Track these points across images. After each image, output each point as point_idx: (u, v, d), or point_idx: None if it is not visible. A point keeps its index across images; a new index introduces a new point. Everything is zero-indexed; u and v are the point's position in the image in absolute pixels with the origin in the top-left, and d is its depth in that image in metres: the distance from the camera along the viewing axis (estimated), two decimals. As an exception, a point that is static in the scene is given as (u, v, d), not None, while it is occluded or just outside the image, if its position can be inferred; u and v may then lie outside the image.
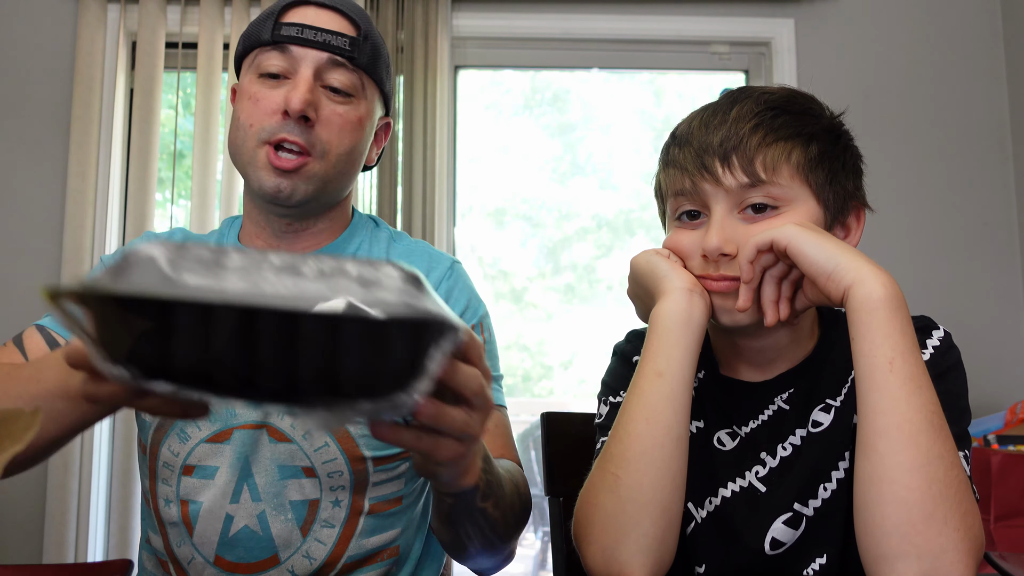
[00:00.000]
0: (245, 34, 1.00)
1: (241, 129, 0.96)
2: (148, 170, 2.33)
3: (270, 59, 0.95)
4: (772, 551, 0.80)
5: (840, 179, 0.83)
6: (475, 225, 2.61)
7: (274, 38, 0.95)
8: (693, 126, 0.84)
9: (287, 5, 0.97)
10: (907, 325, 0.70)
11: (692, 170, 0.81)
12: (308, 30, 0.94)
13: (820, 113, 0.85)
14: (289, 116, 0.93)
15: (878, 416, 0.68)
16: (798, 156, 0.80)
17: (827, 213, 0.81)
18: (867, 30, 2.49)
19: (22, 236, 2.35)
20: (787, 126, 0.80)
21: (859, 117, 2.43)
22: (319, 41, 0.94)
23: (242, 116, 0.96)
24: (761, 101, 0.82)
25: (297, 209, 0.99)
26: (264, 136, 0.94)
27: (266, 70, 0.95)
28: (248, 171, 0.97)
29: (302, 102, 0.92)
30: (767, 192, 0.79)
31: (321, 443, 0.93)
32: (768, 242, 0.75)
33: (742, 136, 0.79)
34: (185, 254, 0.43)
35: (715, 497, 0.84)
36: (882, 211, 2.43)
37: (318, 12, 0.96)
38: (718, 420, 0.87)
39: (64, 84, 2.39)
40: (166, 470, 0.95)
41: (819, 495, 0.80)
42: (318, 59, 0.95)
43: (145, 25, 2.36)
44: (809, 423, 0.83)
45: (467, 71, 2.61)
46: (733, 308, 0.79)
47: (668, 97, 2.69)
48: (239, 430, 0.94)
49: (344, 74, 0.96)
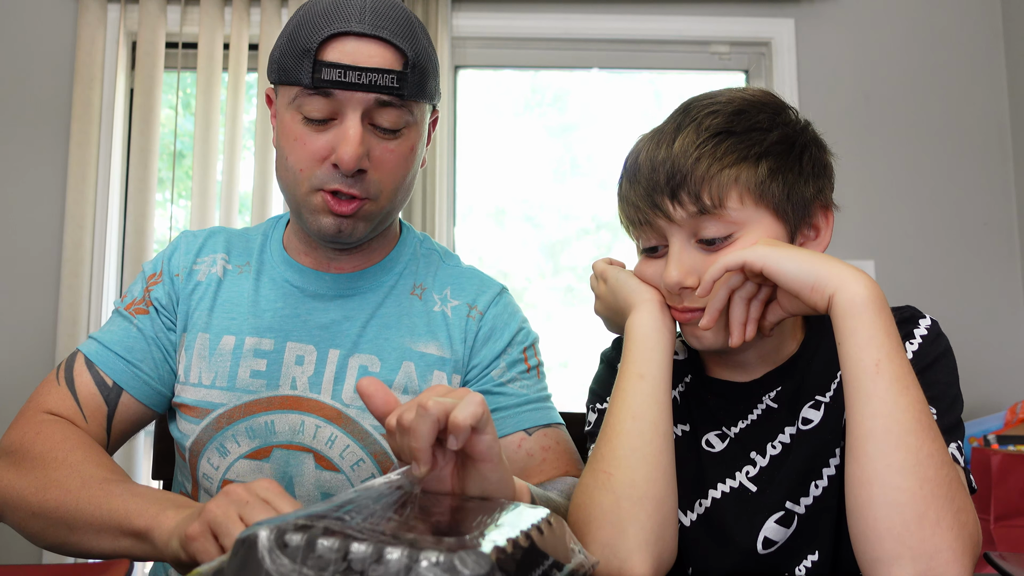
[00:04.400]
0: (279, 65, 0.91)
1: (290, 171, 0.91)
2: (148, 170, 2.33)
3: (312, 104, 0.87)
4: (764, 550, 0.80)
5: (798, 188, 0.81)
6: (475, 225, 2.61)
7: (315, 83, 0.86)
8: (640, 160, 0.83)
9: (325, 39, 0.86)
10: (891, 326, 0.71)
11: (644, 207, 0.81)
12: (351, 72, 0.85)
13: (771, 124, 0.81)
14: (339, 168, 0.88)
15: (866, 419, 0.68)
16: (747, 179, 0.78)
17: (787, 225, 0.81)
18: (867, 30, 2.49)
19: (22, 236, 2.35)
20: (732, 150, 0.79)
21: (859, 117, 2.45)
22: (364, 83, 0.86)
23: (290, 157, 0.91)
24: (703, 127, 0.80)
25: (356, 244, 0.98)
26: (316, 183, 0.90)
27: (310, 115, 0.88)
28: (302, 212, 0.93)
29: (354, 159, 0.86)
30: (719, 220, 0.78)
31: (368, 474, 0.94)
32: (739, 263, 0.75)
33: (686, 170, 0.78)
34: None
35: (705, 499, 0.84)
36: (881, 211, 2.43)
37: (359, 44, 0.86)
38: (706, 422, 0.87)
39: (64, 84, 2.39)
40: (206, 481, 0.96)
41: (810, 493, 0.80)
42: (365, 101, 0.87)
43: (145, 25, 2.37)
44: (799, 420, 0.83)
45: (467, 71, 2.61)
46: (700, 334, 0.81)
47: (668, 97, 2.69)
48: (279, 449, 0.94)
49: (392, 112, 0.89)
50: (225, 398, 0.95)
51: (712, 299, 0.78)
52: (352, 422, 0.94)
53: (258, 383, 0.95)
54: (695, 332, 0.82)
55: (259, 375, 0.95)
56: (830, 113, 2.44)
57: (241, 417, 0.94)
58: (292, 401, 0.94)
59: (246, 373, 0.95)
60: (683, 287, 0.80)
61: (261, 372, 0.95)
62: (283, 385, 0.95)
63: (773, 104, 0.84)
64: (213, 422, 0.95)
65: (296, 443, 0.93)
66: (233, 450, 0.94)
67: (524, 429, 0.97)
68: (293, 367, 0.95)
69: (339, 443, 0.94)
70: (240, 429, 0.94)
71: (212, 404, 0.95)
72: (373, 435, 0.94)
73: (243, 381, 0.95)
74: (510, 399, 0.99)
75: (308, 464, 0.93)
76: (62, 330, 2.25)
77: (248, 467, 0.94)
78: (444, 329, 1.00)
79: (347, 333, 0.97)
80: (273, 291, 0.99)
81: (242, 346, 0.96)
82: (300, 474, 0.93)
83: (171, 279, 1.00)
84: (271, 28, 2.38)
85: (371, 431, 0.94)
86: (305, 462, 0.93)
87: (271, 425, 0.94)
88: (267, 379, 0.95)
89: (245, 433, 0.94)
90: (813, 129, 0.86)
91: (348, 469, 0.93)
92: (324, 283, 0.99)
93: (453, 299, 1.02)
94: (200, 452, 0.95)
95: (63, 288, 2.27)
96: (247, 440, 0.94)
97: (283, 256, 1.02)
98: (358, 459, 0.94)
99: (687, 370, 0.92)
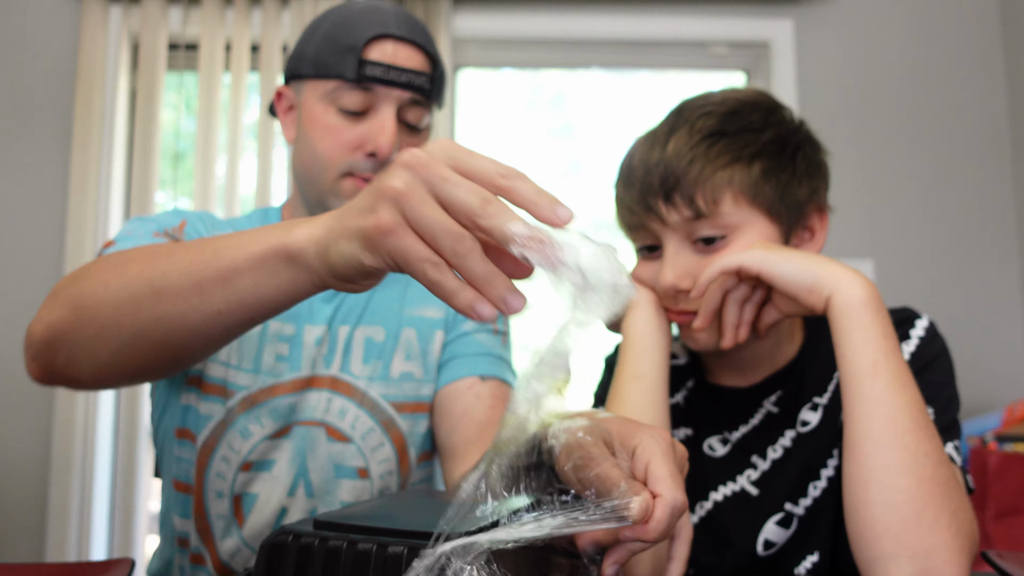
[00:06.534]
0: (316, 60, 0.97)
1: (318, 160, 0.96)
2: (150, 171, 2.34)
3: (352, 96, 0.94)
4: (764, 552, 0.81)
5: (792, 189, 0.81)
6: (475, 225, 2.61)
7: (359, 77, 0.93)
8: (634, 163, 0.84)
9: (370, 39, 0.95)
10: (887, 326, 0.71)
11: (638, 210, 0.82)
12: (393, 71, 0.94)
13: (763, 125, 0.82)
14: (374, 156, 0.94)
15: (863, 419, 0.69)
16: (740, 181, 0.79)
17: (782, 227, 0.81)
18: (867, 30, 2.50)
19: (24, 236, 2.36)
20: (725, 152, 0.79)
21: (858, 117, 2.46)
22: (403, 82, 0.94)
23: (320, 146, 0.96)
24: (696, 129, 0.80)
25: None
26: (345, 170, 0.95)
27: (347, 107, 0.95)
28: (327, 199, 0.97)
29: (390, 146, 0.93)
30: (713, 223, 0.79)
31: (378, 443, 0.97)
32: (735, 267, 0.76)
33: (680, 173, 0.79)
34: None
35: (706, 502, 0.85)
36: (880, 210, 2.44)
37: (398, 47, 0.95)
38: (708, 427, 0.88)
39: (66, 85, 2.39)
40: (223, 464, 0.96)
41: (809, 494, 0.81)
42: (400, 98, 0.95)
43: (147, 26, 2.37)
44: (798, 423, 0.84)
45: (467, 71, 2.62)
46: (696, 335, 0.82)
47: (668, 97, 2.70)
48: (299, 426, 0.96)
49: (420, 111, 0.98)
50: (249, 380, 0.96)
51: (706, 301, 0.79)
52: (361, 393, 0.98)
53: (282, 366, 0.97)
54: (691, 333, 0.83)
55: (283, 359, 0.98)
56: (829, 113, 2.45)
57: (265, 400, 0.96)
58: (310, 380, 0.97)
59: (271, 357, 0.97)
60: (678, 290, 0.80)
61: (284, 356, 0.98)
62: (304, 367, 0.97)
63: (766, 104, 0.84)
64: (238, 404, 0.96)
65: (312, 419, 0.96)
66: (256, 432, 0.95)
67: (479, 375, 0.99)
68: (313, 349, 0.98)
69: (350, 415, 0.97)
70: (264, 411, 0.96)
71: (236, 386, 0.96)
72: (381, 404, 0.98)
73: (268, 364, 0.97)
74: (470, 347, 1.01)
75: (321, 438, 0.96)
76: (64, 330, 2.25)
77: (269, 446, 0.96)
78: None
79: (353, 309, 1.01)
80: None
81: (267, 330, 0.98)
82: (313, 448, 0.96)
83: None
84: (272, 29, 2.38)
85: (379, 400, 0.98)
86: (319, 436, 0.96)
87: (293, 406, 0.96)
88: (290, 363, 0.98)
89: (269, 415, 0.96)
90: (807, 128, 0.86)
91: (359, 439, 0.96)
92: None
93: None
94: (220, 437, 0.95)
95: (65, 288, 2.27)
96: (270, 422, 0.96)
97: None
98: (368, 428, 0.97)
99: (689, 375, 0.93)
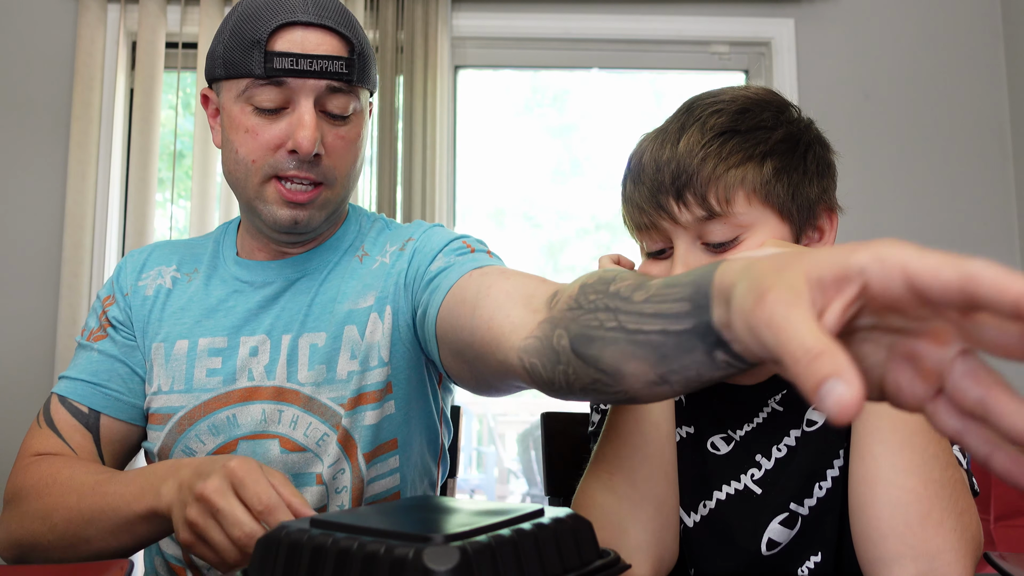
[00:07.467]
0: (225, 59, 0.92)
1: (241, 164, 0.92)
2: (148, 170, 2.33)
3: (264, 94, 0.89)
4: (768, 552, 0.80)
5: (803, 188, 0.80)
6: (475, 225, 2.61)
7: (267, 72, 0.88)
8: (644, 161, 0.82)
9: (274, 29, 0.89)
10: None
11: (649, 209, 0.81)
12: (303, 60, 0.88)
13: (775, 123, 0.81)
14: (296, 153, 0.89)
15: (872, 418, 0.68)
16: (753, 179, 0.78)
17: (792, 226, 0.80)
18: (867, 30, 2.49)
19: (22, 236, 2.35)
20: (737, 150, 0.78)
21: (859, 117, 2.45)
22: (315, 70, 0.89)
23: (241, 150, 0.92)
24: (708, 126, 0.79)
25: (312, 235, 0.99)
26: (268, 171, 0.91)
27: (261, 105, 0.90)
28: (255, 205, 0.94)
29: (311, 142, 0.88)
30: (726, 222, 0.77)
31: (332, 448, 0.94)
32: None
33: (692, 171, 0.77)
34: None
35: (709, 500, 0.84)
36: (881, 211, 2.43)
37: (307, 33, 0.89)
38: (711, 425, 0.87)
39: (64, 84, 2.39)
40: None
41: (814, 494, 0.80)
42: (316, 88, 0.90)
43: (145, 25, 2.36)
44: (804, 422, 0.83)
45: (467, 71, 2.61)
46: None
47: (668, 97, 2.69)
48: (244, 440, 0.94)
49: (343, 99, 0.92)
50: (184, 400, 0.96)
51: None
52: (311, 400, 0.95)
53: (215, 380, 0.96)
54: None
55: (215, 373, 0.96)
56: (830, 113, 2.44)
57: (202, 416, 0.95)
58: (250, 392, 0.95)
59: (202, 373, 0.96)
60: None
61: (217, 369, 0.96)
62: (240, 378, 0.95)
63: (776, 102, 0.83)
64: (175, 425, 0.96)
65: (260, 432, 0.94)
66: (199, 450, 0.95)
67: (473, 268, 0.86)
68: (248, 359, 0.96)
69: (301, 423, 0.94)
70: (202, 428, 0.95)
71: (172, 408, 0.96)
72: (332, 408, 0.95)
73: (200, 381, 0.96)
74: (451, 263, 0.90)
75: (274, 449, 0.93)
76: (62, 330, 2.25)
77: None
78: (381, 276, 0.98)
79: (295, 317, 0.97)
80: (223, 290, 1.00)
81: (196, 348, 0.97)
82: (268, 461, 0.93)
83: (122, 297, 1.03)
84: (271, 28, 2.37)
85: (330, 404, 0.95)
86: (271, 448, 0.94)
87: (233, 419, 0.95)
88: (223, 375, 0.96)
89: (208, 431, 0.95)
90: (816, 127, 0.85)
91: (314, 446, 0.94)
92: (271, 272, 1.00)
93: (391, 247, 1.01)
94: (168, 456, 0.96)
95: (63, 288, 2.27)
96: (211, 438, 0.94)
97: (235, 259, 1.03)
98: (322, 434, 0.94)
99: None
